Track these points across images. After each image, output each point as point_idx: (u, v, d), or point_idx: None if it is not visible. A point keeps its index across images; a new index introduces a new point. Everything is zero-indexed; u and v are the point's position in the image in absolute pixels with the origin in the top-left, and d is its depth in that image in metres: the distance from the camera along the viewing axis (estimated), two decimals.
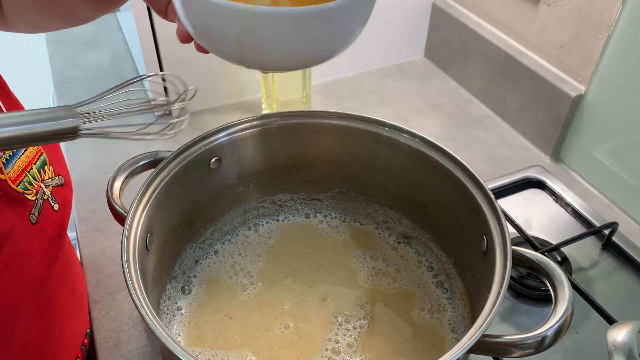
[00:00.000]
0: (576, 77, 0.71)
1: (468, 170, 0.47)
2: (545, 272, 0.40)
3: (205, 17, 0.33)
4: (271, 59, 0.35)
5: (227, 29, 0.32)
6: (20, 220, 0.44)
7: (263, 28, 0.31)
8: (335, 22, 0.33)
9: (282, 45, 0.33)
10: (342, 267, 0.54)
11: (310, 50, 0.34)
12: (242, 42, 0.33)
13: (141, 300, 0.36)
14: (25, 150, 0.46)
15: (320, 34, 0.33)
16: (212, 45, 0.35)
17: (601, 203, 0.69)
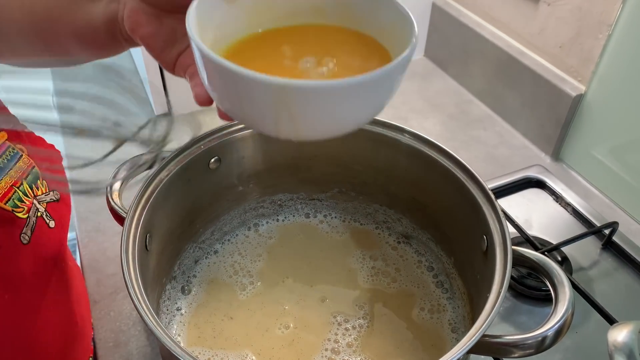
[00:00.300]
0: (576, 76, 0.71)
1: (468, 170, 0.47)
2: (546, 272, 0.40)
3: (239, 92, 0.31)
4: (310, 131, 0.34)
5: (264, 105, 0.31)
6: (9, 242, 0.40)
7: (306, 103, 0.30)
8: (379, 89, 0.32)
9: (326, 117, 0.32)
10: (342, 267, 0.53)
11: (350, 116, 0.33)
12: (279, 118, 0.32)
13: (140, 301, 0.36)
14: (14, 164, 0.43)
15: (366, 101, 0.33)
16: (244, 119, 0.34)
17: (601, 203, 0.69)
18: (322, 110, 0.31)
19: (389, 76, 0.31)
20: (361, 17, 0.38)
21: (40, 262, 0.43)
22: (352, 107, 0.32)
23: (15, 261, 0.41)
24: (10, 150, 0.43)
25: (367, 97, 0.32)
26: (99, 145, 0.78)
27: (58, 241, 0.46)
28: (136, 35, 0.35)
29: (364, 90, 0.31)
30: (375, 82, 0.31)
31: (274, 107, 0.31)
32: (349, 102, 0.32)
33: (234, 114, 0.34)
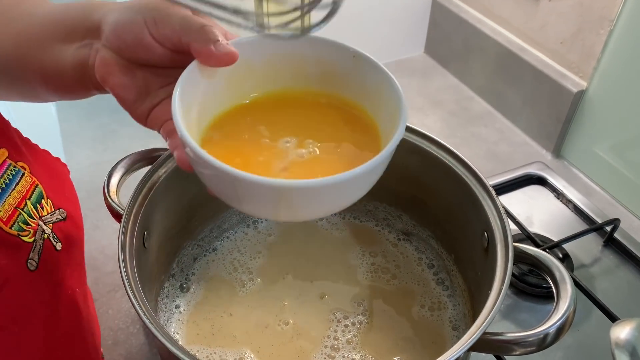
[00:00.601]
0: (577, 72, 0.70)
1: (469, 166, 0.46)
2: (548, 269, 0.39)
3: (234, 190, 0.32)
4: (304, 215, 0.35)
5: (260, 201, 0.32)
6: (16, 270, 0.37)
7: (300, 199, 0.32)
8: (367, 179, 0.34)
9: (319, 205, 0.33)
10: (342, 264, 0.53)
11: (346, 201, 0.35)
12: (276, 209, 0.33)
13: (137, 298, 0.36)
14: (17, 184, 0.40)
15: (355, 190, 0.34)
16: (237, 206, 0.35)
17: (603, 199, 0.69)
18: (319, 202, 0.33)
19: (382, 162, 0.33)
20: (346, 83, 0.38)
21: (49, 290, 0.40)
22: (347, 193, 0.34)
23: (24, 291, 0.37)
24: (12, 168, 0.40)
25: (361, 183, 0.34)
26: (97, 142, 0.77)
27: (66, 265, 0.43)
28: (107, 85, 0.34)
29: (358, 180, 0.32)
30: (370, 171, 0.32)
31: (271, 203, 0.32)
32: (344, 191, 0.33)
33: (229, 203, 0.34)
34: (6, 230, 0.37)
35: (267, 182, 0.29)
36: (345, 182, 0.31)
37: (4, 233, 0.37)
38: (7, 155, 0.40)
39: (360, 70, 0.37)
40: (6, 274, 0.36)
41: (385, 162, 0.33)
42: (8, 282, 0.36)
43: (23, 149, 0.43)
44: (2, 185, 0.38)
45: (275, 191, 0.30)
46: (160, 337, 0.33)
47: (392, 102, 0.35)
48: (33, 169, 0.42)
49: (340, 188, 0.32)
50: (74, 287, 0.44)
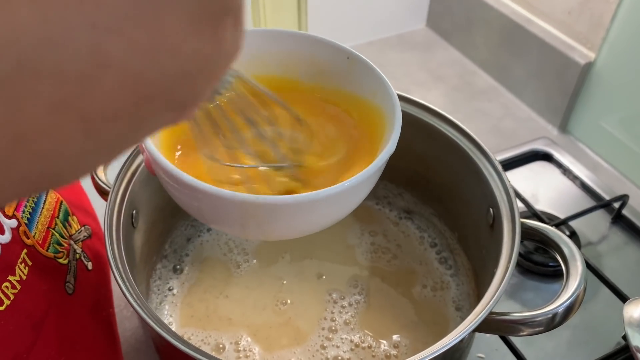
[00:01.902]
0: (585, 43, 0.67)
1: (474, 139, 0.44)
2: (557, 246, 0.37)
3: (195, 202, 0.29)
4: (275, 235, 0.34)
5: (229, 216, 0.30)
6: (58, 296, 0.35)
7: (272, 216, 0.29)
8: (347, 198, 0.31)
9: (291, 225, 0.31)
10: (340, 244, 0.51)
11: (325, 221, 0.32)
12: (245, 226, 0.30)
13: (125, 280, 0.34)
14: (44, 202, 0.37)
15: (334, 209, 0.31)
16: (206, 221, 0.33)
17: (611, 175, 0.67)
18: (292, 221, 0.29)
19: (366, 180, 0.29)
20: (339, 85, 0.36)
21: (87, 314, 0.38)
22: (325, 213, 0.31)
23: (66, 318, 0.35)
24: None
25: (342, 203, 0.30)
26: None
27: (99, 285, 0.41)
28: None
29: (337, 200, 0.29)
30: (350, 190, 0.28)
31: (239, 220, 0.29)
32: (321, 211, 0.30)
33: (198, 218, 0.32)
34: (43, 253, 0.35)
35: (231, 197, 0.26)
36: (321, 201, 0.27)
37: (41, 257, 0.34)
38: None
39: (354, 72, 0.35)
40: (49, 300, 0.34)
41: (371, 179, 0.30)
42: (51, 308, 0.34)
43: None
44: (32, 204, 0.36)
45: (239, 207, 0.27)
46: (147, 319, 0.32)
47: (386, 109, 0.32)
48: None
49: (315, 207, 0.28)
50: (107, 308, 0.42)
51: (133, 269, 0.38)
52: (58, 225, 0.38)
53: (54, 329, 0.34)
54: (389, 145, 0.30)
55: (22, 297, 0.31)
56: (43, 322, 0.33)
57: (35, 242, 0.34)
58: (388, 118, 0.32)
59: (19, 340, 0.31)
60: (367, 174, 0.29)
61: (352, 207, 0.32)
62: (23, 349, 0.31)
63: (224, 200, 0.27)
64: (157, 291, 0.47)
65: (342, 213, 0.32)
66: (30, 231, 0.34)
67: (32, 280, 0.33)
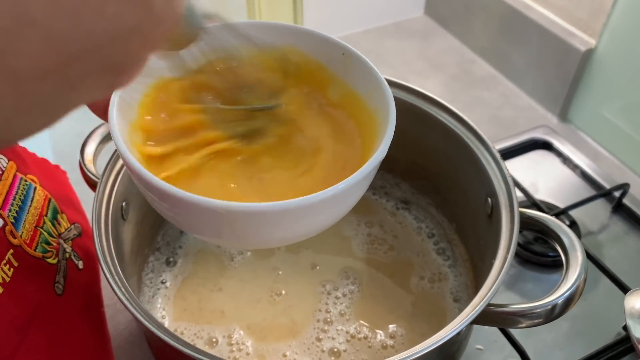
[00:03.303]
0: (586, 30, 0.66)
1: (472, 127, 0.43)
2: (556, 236, 0.36)
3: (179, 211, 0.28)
4: (254, 244, 0.32)
5: (206, 224, 0.28)
6: (46, 296, 0.34)
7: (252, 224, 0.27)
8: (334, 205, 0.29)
9: (275, 233, 0.28)
10: (336, 236, 0.50)
11: (308, 229, 0.30)
12: (222, 234, 0.29)
13: (113, 273, 0.33)
14: (32, 200, 0.36)
15: (317, 218, 0.29)
16: (184, 228, 0.31)
17: (611, 164, 0.66)
18: (276, 228, 0.27)
19: (352, 187, 0.27)
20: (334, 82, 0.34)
21: (78, 315, 0.37)
22: (308, 221, 0.28)
23: (55, 319, 0.34)
24: (24, 183, 0.36)
25: (326, 211, 0.28)
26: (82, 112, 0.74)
27: (89, 285, 0.40)
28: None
29: (327, 205, 0.27)
30: (333, 197, 0.26)
31: (217, 227, 0.27)
32: (303, 219, 0.28)
33: (176, 223, 0.31)
34: (31, 253, 0.34)
35: (204, 204, 0.25)
36: (303, 208, 0.26)
37: (29, 257, 0.33)
38: (17, 169, 0.36)
39: (349, 70, 0.33)
40: (36, 301, 0.33)
41: (359, 185, 0.28)
42: (38, 310, 0.33)
43: (27, 160, 0.39)
44: (19, 202, 0.34)
45: (213, 215, 0.25)
46: (136, 313, 0.31)
47: (380, 109, 0.31)
48: (41, 181, 0.39)
49: (296, 215, 0.26)
50: (99, 308, 0.41)
51: (123, 262, 0.38)
52: (47, 224, 0.37)
53: (40, 331, 0.33)
54: (380, 149, 0.28)
55: (5, 300, 0.30)
56: (29, 325, 0.32)
57: (22, 241, 0.33)
58: (381, 119, 0.31)
59: (1, 345, 0.30)
60: (353, 180, 0.27)
61: (338, 216, 0.30)
62: (6, 353, 0.30)
63: (197, 207, 0.25)
64: (150, 284, 0.46)
65: (325, 223, 0.30)
66: (17, 231, 0.33)
67: (17, 282, 0.32)
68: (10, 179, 0.35)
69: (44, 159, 0.46)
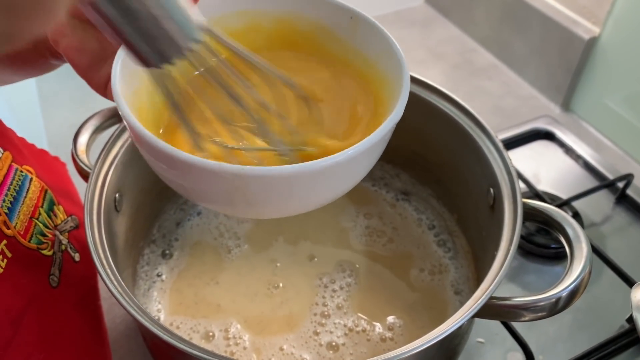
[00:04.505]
0: (590, 18, 0.65)
1: (474, 116, 0.42)
2: (561, 227, 0.36)
3: (188, 179, 0.27)
4: (266, 213, 0.31)
5: (217, 191, 0.27)
6: (40, 288, 0.34)
7: (263, 191, 0.26)
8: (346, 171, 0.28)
9: (285, 201, 0.28)
10: (334, 227, 0.49)
11: (315, 199, 0.29)
12: (234, 202, 0.28)
13: (105, 266, 0.32)
14: (27, 191, 0.36)
15: (326, 185, 0.28)
16: (194, 198, 0.30)
17: (614, 154, 0.65)
18: (286, 196, 0.27)
19: (369, 150, 0.26)
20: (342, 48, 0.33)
21: (73, 308, 0.37)
22: (324, 186, 0.28)
23: (49, 312, 0.34)
24: (19, 174, 0.36)
25: (341, 175, 0.28)
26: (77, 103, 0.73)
27: (86, 278, 0.39)
28: (59, 48, 0.29)
29: (338, 170, 0.26)
30: (353, 159, 0.26)
31: (232, 195, 0.27)
32: (319, 184, 0.27)
33: (184, 194, 0.30)
34: (25, 244, 0.33)
35: (215, 168, 0.24)
36: (316, 173, 0.25)
37: (23, 248, 0.33)
38: (12, 159, 0.36)
39: (358, 34, 0.32)
40: (29, 293, 0.32)
41: (373, 149, 0.28)
42: (32, 302, 0.32)
43: (24, 151, 0.39)
44: (13, 193, 0.34)
45: (224, 179, 0.25)
46: (127, 306, 0.30)
47: (392, 72, 0.30)
48: (38, 172, 0.38)
49: (311, 179, 0.26)
50: (95, 301, 0.41)
51: (116, 255, 0.37)
52: (42, 215, 0.36)
53: (34, 324, 0.32)
54: (395, 111, 0.28)
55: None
56: (22, 317, 0.32)
57: (16, 232, 0.33)
58: (394, 82, 0.30)
59: None
60: (368, 143, 0.26)
61: (352, 183, 0.30)
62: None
63: (209, 173, 0.25)
64: (145, 277, 0.45)
65: (340, 189, 0.30)
66: (10, 221, 0.33)
67: (11, 273, 0.31)
68: (5, 169, 0.35)
69: (43, 150, 0.45)
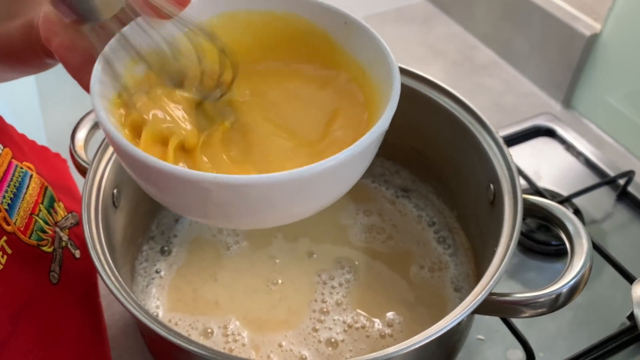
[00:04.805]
0: (591, 14, 0.65)
1: (473, 111, 0.42)
2: (561, 223, 0.35)
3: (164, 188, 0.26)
4: (248, 224, 0.30)
5: (193, 201, 0.26)
6: (39, 285, 0.34)
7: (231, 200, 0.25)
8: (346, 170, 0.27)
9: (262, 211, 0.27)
10: (333, 225, 0.49)
11: (297, 210, 0.28)
12: (209, 212, 0.27)
13: (103, 262, 0.32)
14: (27, 188, 0.36)
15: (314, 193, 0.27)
16: (172, 208, 0.29)
17: (615, 151, 0.65)
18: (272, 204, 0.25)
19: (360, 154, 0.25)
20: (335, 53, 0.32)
21: (73, 305, 0.36)
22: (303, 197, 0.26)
23: (49, 308, 0.34)
24: (19, 170, 0.36)
25: (324, 184, 0.26)
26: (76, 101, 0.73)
27: (86, 275, 0.39)
28: (51, 47, 0.29)
29: (323, 179, 0.25)
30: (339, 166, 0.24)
31: (203, 203, 0.25)
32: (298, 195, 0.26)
33: (163, 203, 0.29)
34: (25, 241, 0.33)
35: (187, 176, 0.23)
36: (296, 180, 0.24)
37: (23, 245, 0.33)
38: (12, 156, 0.36)
39: (351, 39, 0.32)
40: (29, 290, 0.32)
41: (359, 158, 0.26)
42: (32, 299, 0.32)
43: (25, 148, 0.39)
44: (13, 189, 0.34)
45: (199, 189, 0.24)
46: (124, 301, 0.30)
47: (384, 77, 0.30)
48: (39, 168, 0.38)
49: (289, 189, 0.25)
50: (96, 298, 0.41)
51: (114, 251, 0.37)
52: (42, 212, 0.36)
53: (34, 320, 0.32)
54: (382, 120, 0.26)
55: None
56: (22, 313, 0.31)
57: (16, 229, 0.33)
58: (385, 88, 0.29)
59: None
60: (361, 146, 0.25)
61: (338, 192, 0.29)
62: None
63: (182, 182, 0.24)
64: (144, 274, 0.45)
65: (326, 199, 0.28)
66: (10, 217, 0.33)
67: (11, 270, 0.31)
68: (5, 165, 0.35)
69: (44, 147, 0.45)
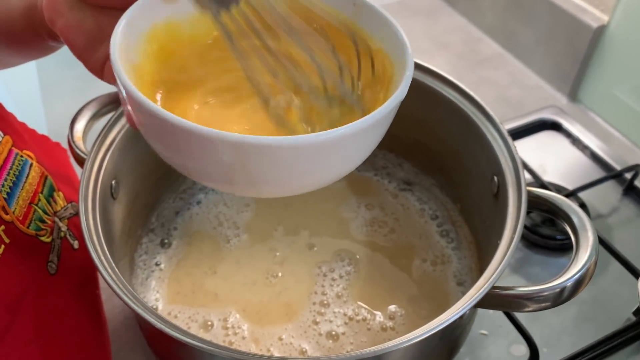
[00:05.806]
0: (598, 5, 0.64)
1: (478, 103, 0.41)
2: (566, 215, 0.35)
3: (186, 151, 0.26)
4: (270, 191, 0.30)
5: (217, 165, 0.26)
6: (37, 275, 0.33)
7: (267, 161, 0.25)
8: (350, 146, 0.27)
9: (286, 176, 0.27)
10: (334, 218, 0.49)
11: (321, 175, 0.29)
12: (230, 177, 0.27)
13: (100, 253, 0.32)
14: (27, 176, 0.35)
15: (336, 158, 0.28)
16: (190, 174, 0.29)
17: (622, 145, 0.64)
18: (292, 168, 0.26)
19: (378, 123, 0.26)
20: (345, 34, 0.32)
21: (71, 295, 0.36)
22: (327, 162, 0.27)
23: (47, 298, 0.33)
24: (20, 159, 0.35)
25: (347, 150, 0.27)
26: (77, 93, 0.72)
27: (85, 266, 0.39)
28: (55, 28, 0.29)
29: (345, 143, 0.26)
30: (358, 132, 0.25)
31: (223, 168, 0.26)
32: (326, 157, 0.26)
33: (181, 170, 0.29)
34: (24, 230, 0.33)
35: (217, 136, 0.23)
36: (320, 144, 0.25)
37: (21, 234, 0.32)
38: (12, 144, 0.35)
39: (361, 19, 0.32)
40: (27, 280, 0.32)
41: (376, 126, 0.27)
42: (29, 289, 0.32)
43: (25, 136, 0.38)
44: (12, 178, 0.33)
45: (226, 149, 0.24)
46: (121, 293, 0.29)
47: (396, 54, 0.30)
48: (39, 157, 0.38)
49: (312, 153, 0.25)
50: (95, 290, 0.40)
51: (113, 243, 0.36)
52: (41, 201, 0.36)
53: (32, 311, 0.32)
54: (400, 89, 0.28)
55: None
56: (20, 303, 0.31)
57: (14, 218, 0.32)
58: (398, 64, 0.30)
59: None
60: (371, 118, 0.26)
61: (352, 163, 0.30)
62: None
63: (207, 142, 0.24)
64: (143, 266, 0.45)
65: (341, 168, 0.29)
66: (9, 206, 0.32)
67: (9, 259, 0.31)
68: (5, 153, 0.34)
69: (44, 136, 0.45)
